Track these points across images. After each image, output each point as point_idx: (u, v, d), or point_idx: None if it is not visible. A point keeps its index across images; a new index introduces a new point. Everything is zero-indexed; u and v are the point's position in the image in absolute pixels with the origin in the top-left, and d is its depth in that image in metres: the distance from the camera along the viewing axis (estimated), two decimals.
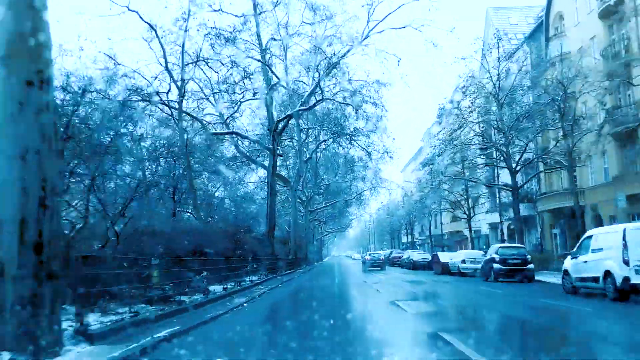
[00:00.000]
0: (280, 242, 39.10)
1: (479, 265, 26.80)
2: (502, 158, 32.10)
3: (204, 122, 25.27)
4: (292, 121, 37.99)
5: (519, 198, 31.75)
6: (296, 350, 6.35)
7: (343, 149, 41.06)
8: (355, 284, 22.49)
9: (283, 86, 29.09)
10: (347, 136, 38.72)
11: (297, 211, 41.30)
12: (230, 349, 6.65)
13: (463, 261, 27.68)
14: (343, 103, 29.28)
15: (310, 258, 58.18)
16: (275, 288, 18.74)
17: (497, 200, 35.98)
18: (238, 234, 20.90)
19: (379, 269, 37.82)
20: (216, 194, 37.75)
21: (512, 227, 46.32)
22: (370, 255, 45.25)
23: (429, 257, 40.50)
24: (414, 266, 38.12)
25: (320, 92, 27.31)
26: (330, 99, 28.65)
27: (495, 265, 21.27)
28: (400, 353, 6.75)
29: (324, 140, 39.65)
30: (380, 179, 48.74)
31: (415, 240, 75.07)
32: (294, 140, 38.98)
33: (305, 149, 40.16)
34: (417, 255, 41.19)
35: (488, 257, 22.39)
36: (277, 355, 6.25)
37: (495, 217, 47.12)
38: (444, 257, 31.64)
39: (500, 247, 21.97)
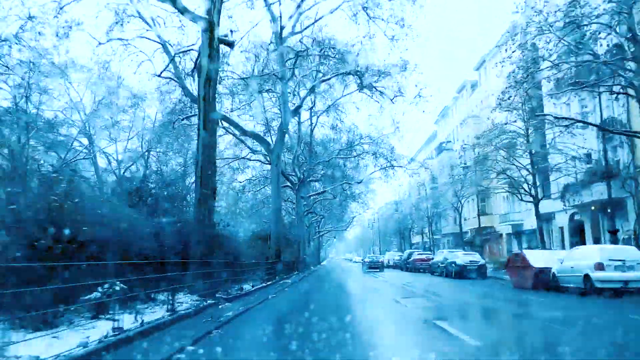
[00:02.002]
0: (257, 238, 28.03)
1: (637, 274, 13.46)
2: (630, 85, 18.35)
3: None
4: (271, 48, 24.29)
5: None
6: None
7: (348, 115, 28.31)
8: (415, 330, 8.68)
9: None
10: (356, 75, 25.20)
11: (279, 191, 27.35)
12: None
13: (599, 266, 13.79)
14: None
15: (307, 261, 45.87)
16: None
17: (603, 158, 22.07)
18: None
19: (378, 270, 40.13)
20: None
21: (576, 217, 33.20)
22: (369, 257, 50.14)
23: (479, 259, 27.04)
24: (468, 274, 24.39)
25: None
26: None
27: None
28: None
29: (323, 80, 25.54)
30: (395, 156, 35.73)
31: (431, 239, 61.57)
32: (276, 81, 25.07)
33: (294, 93, 26.33)
34: (462, 257, 26.96)
35: None
36: None
37: (545, 207, 33.16)
38: (538, 258, 17.49)
39: None
